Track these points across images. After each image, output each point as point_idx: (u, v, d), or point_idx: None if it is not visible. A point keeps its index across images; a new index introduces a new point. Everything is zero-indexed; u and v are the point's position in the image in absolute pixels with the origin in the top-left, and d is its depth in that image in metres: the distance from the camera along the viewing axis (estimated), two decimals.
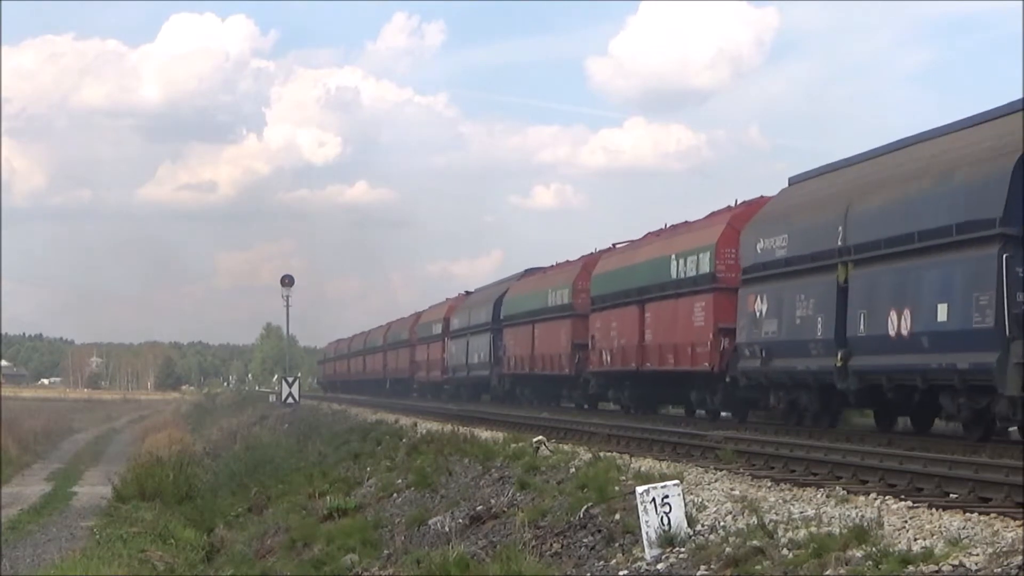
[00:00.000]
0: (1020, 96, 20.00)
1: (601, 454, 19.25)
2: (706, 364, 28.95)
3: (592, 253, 42.12)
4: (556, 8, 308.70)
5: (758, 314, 25.91)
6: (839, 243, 23.00)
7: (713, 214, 31.82)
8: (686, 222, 34.01)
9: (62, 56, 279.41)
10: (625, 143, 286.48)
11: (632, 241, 38.68)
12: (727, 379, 28.39)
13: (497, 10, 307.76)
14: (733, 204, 30.81)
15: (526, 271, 52.45)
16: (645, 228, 40.64)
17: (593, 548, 13.57)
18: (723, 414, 31.80)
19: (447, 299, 68.10)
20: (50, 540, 26.80)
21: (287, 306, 62.45)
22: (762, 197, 29.62)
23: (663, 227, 36.12)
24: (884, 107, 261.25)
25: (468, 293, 64.12)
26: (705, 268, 29.57)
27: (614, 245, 39.87)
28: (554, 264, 48.18)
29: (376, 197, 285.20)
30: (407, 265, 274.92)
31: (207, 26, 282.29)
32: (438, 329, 63.88)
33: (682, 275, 30.99)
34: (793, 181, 28.50)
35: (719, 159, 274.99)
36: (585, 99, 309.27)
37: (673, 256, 31.57)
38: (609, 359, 36.18)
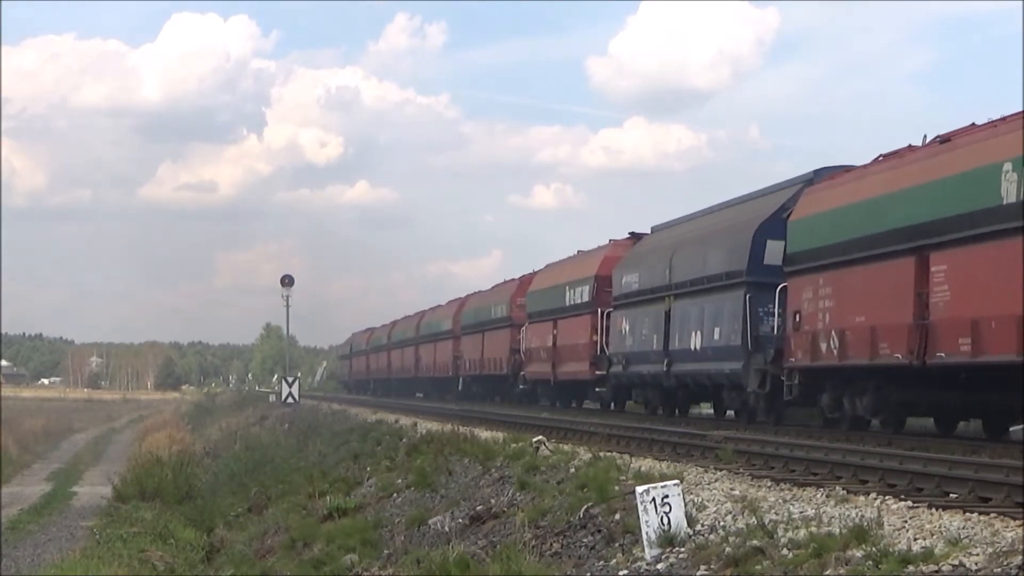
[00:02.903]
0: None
1: (601, 454, 19.25)
2: None
3: None
4: (556, 8, 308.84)
5: None
6: None
7: None
8: None
9: (63, 56, 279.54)
10: (625, 143, 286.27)
11: None
12: None
13: (498, 10, 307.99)
14: None
15: (820, 172, 26.17)
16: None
17: (593, 548, 13.57)
18: None
19: (579, 252, 43.59)
20: (50, 540, 26.82)
21: (287, 306, 62.51)
22: None
23: None
24: (885, 107, 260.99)
25: (636, 235, 38.07)
26: None
27: None
28: (925, 142, 21.76)
29: (377, 197, 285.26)
30: (407, 265, 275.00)
31: (209, 26, 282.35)
32: (581, 296, 39.02)
33: None
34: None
35: (719, 159, 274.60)
36: (585, 99, 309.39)
37: None
38: None
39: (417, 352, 68.54)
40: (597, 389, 38.18)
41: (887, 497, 12.80)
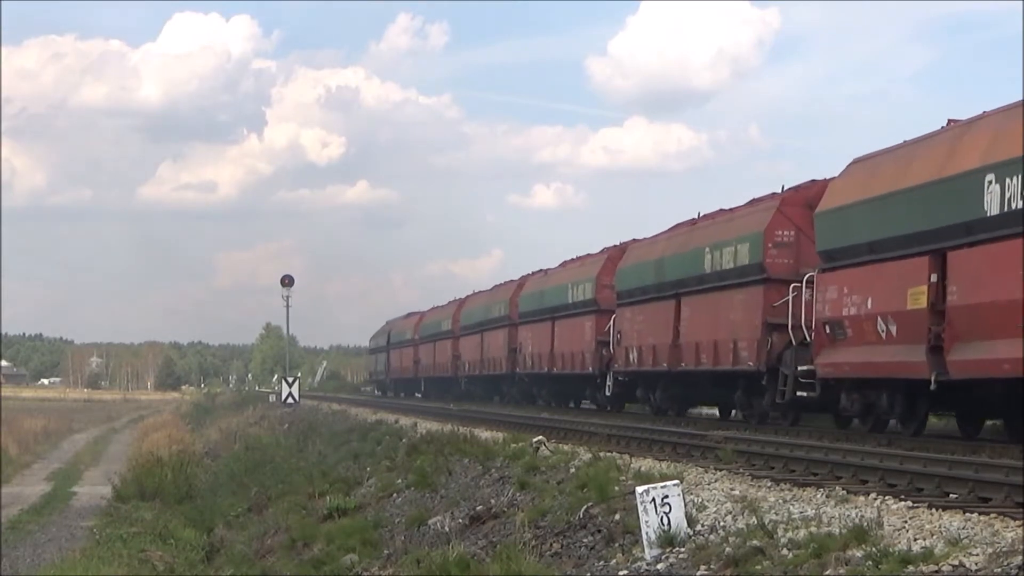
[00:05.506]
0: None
1: (601, 454, 19.25)
2: None
3: None
4: (556, 8, 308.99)
5: None
6: None
7: None
8: None
9: (63, 56, 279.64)
10: (626, 143, 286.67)
11: None
12: None
13: (499, 11, 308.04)
14: None
15: None
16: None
17: (593, 548, 13.57)
18: None
19: (951, 125, 20.36)
20: (50, 540, 26.84)
21: (287, 306, 62.62)
22: None
23: None
24: (885, 107, 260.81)
25: None
26: None
27: None
28: None
29: (377, 197, 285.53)
30: (407, 265, 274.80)
31: (210, 26, 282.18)
32: (1016, 199, 16.71)
33: None
34: None
35: (719, 159, 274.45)
36: (585, 99, 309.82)
37: None
38: None
39: (513, 337, 47.38)
40: None
41: (887, 497, 12.80)
